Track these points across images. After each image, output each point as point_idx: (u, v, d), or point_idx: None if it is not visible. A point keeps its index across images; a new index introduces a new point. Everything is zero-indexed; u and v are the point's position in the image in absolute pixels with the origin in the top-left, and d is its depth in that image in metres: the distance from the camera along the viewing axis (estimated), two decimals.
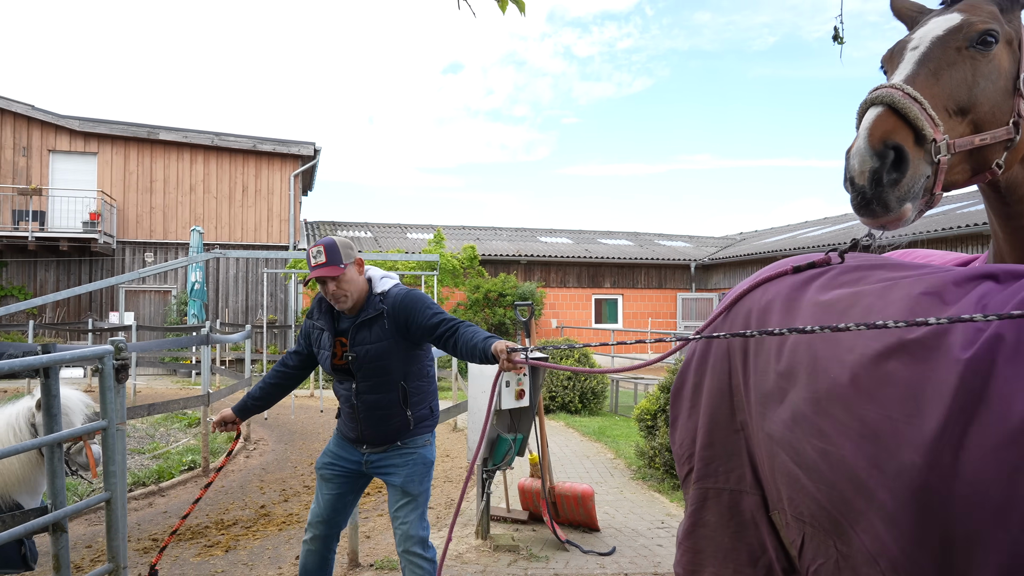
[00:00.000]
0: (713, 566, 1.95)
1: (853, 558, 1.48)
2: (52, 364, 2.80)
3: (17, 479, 3.40)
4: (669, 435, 2.25)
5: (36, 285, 19.16)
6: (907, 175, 1.52)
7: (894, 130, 1.52)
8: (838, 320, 1.61)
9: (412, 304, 3.26)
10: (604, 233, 28.89)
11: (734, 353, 1.93)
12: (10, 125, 19.44)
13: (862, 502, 1.44)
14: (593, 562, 4.81)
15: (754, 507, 1.86)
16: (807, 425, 1.58)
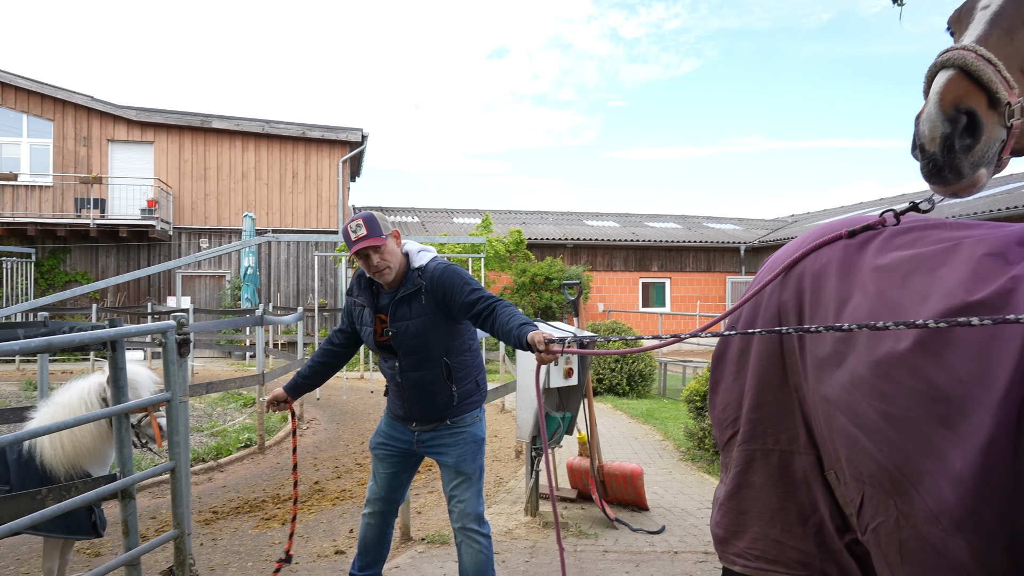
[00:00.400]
0: (758, 526, 1.96)
1: (914, 517, 1.49)
2: (118, 337, 2.92)
3: (88, 450, 3.55)
4: (709, 400, 2.24)
5: (98, 270, 19.83)
6: (981, 140, 1.46)
7: (966, 94, 1.45)
8: (900, 284, 1.60)
9: (450, 279, 3.20)
10: (651, 216, 28.61)
11: (787, 315, 1.92)
12: (71, 116, 20.08)
13: (929, 462, 1.45)
14: (643, 540, 4.81)
15: (807, 467, 1.87)
16: (867, 388, 1.58)
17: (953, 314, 1.43)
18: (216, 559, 4.58)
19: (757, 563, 1.98)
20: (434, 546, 4.69)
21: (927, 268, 1.57)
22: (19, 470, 3.50)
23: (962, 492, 1.38)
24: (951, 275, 1.51)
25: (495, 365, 13.64)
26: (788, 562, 1.92)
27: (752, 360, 2.01)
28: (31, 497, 2.91)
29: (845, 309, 1.71)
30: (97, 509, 3.66)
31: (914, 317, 1.50)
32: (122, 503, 3.00)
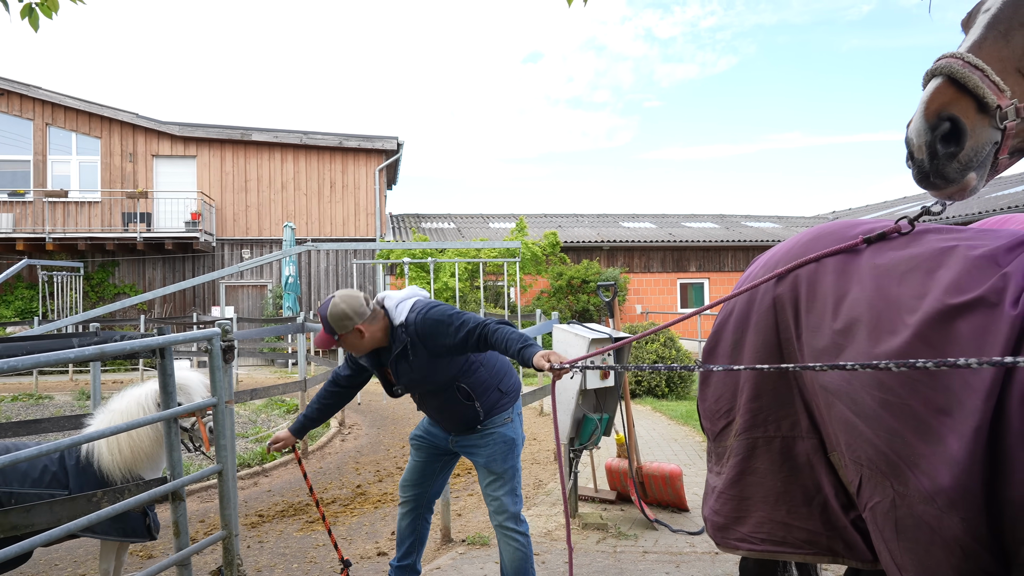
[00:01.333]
0: (763, 510, 2.07)
1: (910, 497, 1.62)
2: (167, 345, 3.03)
3: (145, 456, 3.70)
4: (699, 393, 2.36)
5: (144, 282, 20.38)
6: (966, 146, 1.52)
7: (952, 101, 1.52)
8: (898, 281, 1.73)
9: (433, 328, 3.20)
10: (688, 216, 28.38)
11: (783, 309, 2.02)
12: (118, 133, 20.69)
13: (926, 447, 1.58)
14: (683, 541, 4.80)
15: (810, 451, 1.99)
16: (866, 378, 1.71)
17: (953, 309, 1.58)
18: (263, 561, 4.69)
19: (763, 546, 2.08)
20: (474, 547, 4.74)
21: (925, 268, 1.69)
22: (77, 475, 3.64)
23: (957, 472, 1.50)
24: (947, 274, 1.64)
25: None
26: (795, 542, 2.02)
27: (747, 352, 2.11)
28: (87, 499, 3.03)
29: (843, 303, 1.82)
30: (151, 513, 3.80)
31: (912, 313, 1.64)
32: (173, 505, 3.10)
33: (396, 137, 21.57)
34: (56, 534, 2.59)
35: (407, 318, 3.26)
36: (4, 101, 20.12)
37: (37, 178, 20.20)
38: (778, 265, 2.11)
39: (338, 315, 3.19)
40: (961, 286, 1.60)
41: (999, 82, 1.52)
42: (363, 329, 3.22)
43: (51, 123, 20.41)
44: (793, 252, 2.10)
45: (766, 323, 2.08)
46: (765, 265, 2.19)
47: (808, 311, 1.94)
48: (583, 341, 4.95)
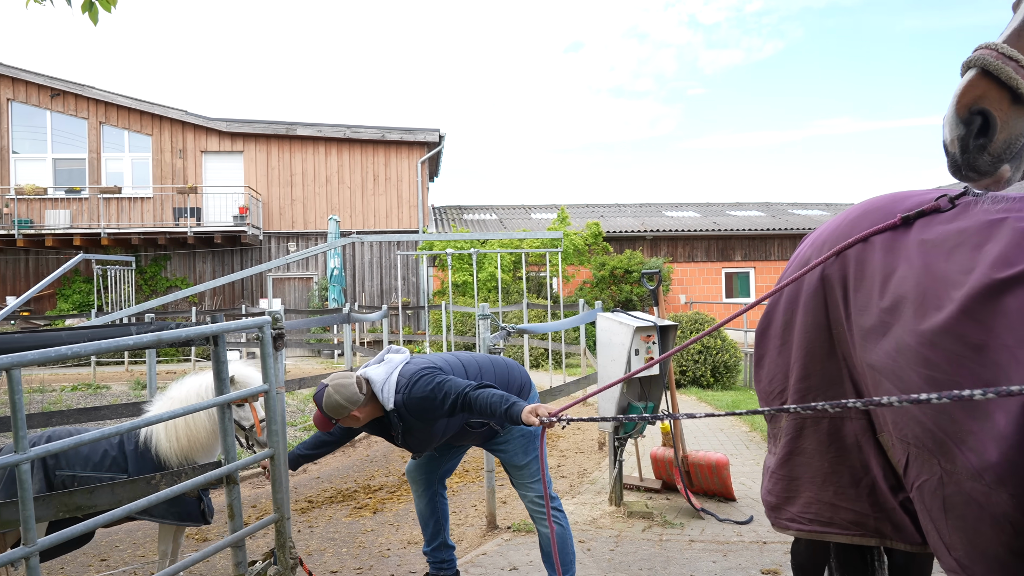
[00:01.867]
0: (811, 490, 2.08)
1: (957, 474, 1.62)
2: (220, 332, 3.11)
3: (201, 444, 3.83)
4: (754, 374, 2.36)
5: (195, 276, 20.89)
6: (997, 139, 1.50)
7: (984, 94, 1.50)
8: (946, 257, 1.70)
9: (421, 404, 3.26)
10: (733, 205, 27.95)
11: (831, 288, 2.02)
12: (168, 130, 21.21)
13: (974, 423, 1.56)
14: (730, 530, 4.76)
15: (858, 431, 1.98)
16: (912, 355, 1.71)
17: (1000, 283, 1.55)
18: (313, 545, 4.79)
19: (811, 526, 2.10)
20: (520, 534, 4.77)
21: (973, 242, 1.67)
22: (136, 460, 3.77)
23: (1006, 448, 1.48)
24: (995, 248, 1.61)
25: (576, 359, 13.65)
26: (842, 523, 2.03)
27: (797, 333, 2.11)
28: (146, 482, 3.13)
29: (891, 281, 1.81)
30: (205, 498, 3.92)
31: (959, 288, 1.62)
32: (227, 488, 3.19)
33: (437, 129, 21.67)
34: (116, 515, 2.69)
35: (395, 400, 3.31)
36: (60, 101, 20.77)
37: (92, 175, 20.83)
38: (826, 244, 2.10)
39: (332, 405, 3.28)
40: (1009, 259, 1.57)
41: None
42: (358, 414, 3.33)
43: (104, 121, 21.01)
44: (840, 230, 2.08)
45: (815, 303, 2.07)
46: (813, 244, 2.19)
47: (856, 290, 1.93)
48: (628, 329, 4.93)
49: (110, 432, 2.54)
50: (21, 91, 20.67)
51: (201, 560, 3.00)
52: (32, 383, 12.42)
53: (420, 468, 3.84)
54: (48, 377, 14.92)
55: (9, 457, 2.18)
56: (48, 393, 11.97)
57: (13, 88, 20.62)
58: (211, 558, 4.43)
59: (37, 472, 3.67)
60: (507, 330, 5.43)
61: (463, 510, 5.54)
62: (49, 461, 3.71)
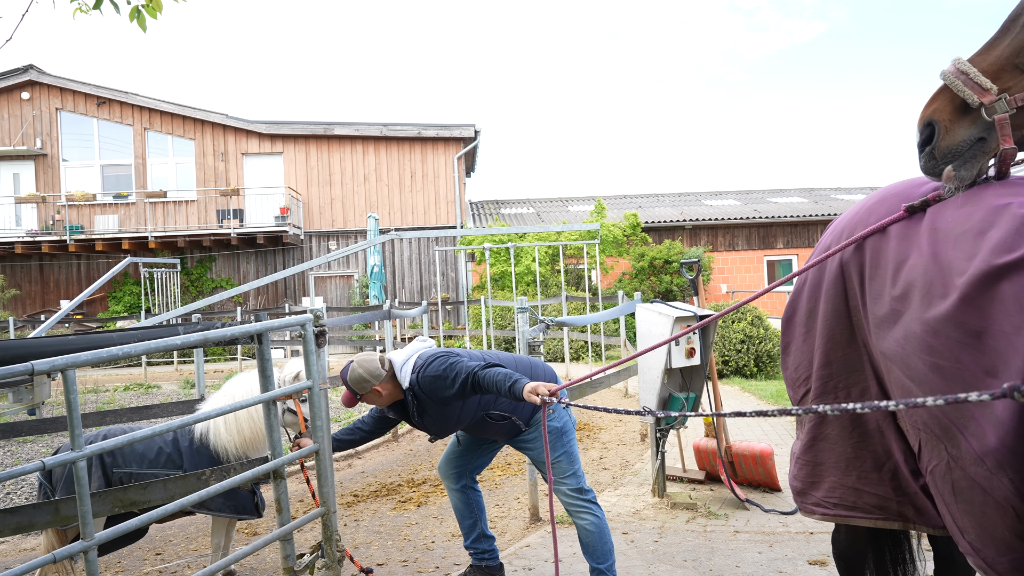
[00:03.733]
0: (834, 475, 2.12)
1: (962, 459, 1.67)
2: (264, 330, 3.17)
3: (260, 440, 3.94)
4: (781, 362, 2.40)
5: (239, 276, 21.31)
6: (939, 146, 1.79)
7: (938, 107, 1.80)
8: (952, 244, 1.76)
9: (433, 383, 3.37)
10: (774, 191, 27.50)
11: (849, 276, 2.07)
12: (210, 134, 21.64)
13: (975, 408, 1.60)
14: (775, 521, 4.70)
15: (880, 417, 2.03)
16: (917, 342, 1.76)
17: (998, 270, 1.60)
18: (359, 538, 4.87)
19: (835, 510, 2.14)
20: (563, 526, 4.78)
21: (977, 228, 1.72)
22: (191, 456, 3.89)
23: (1003, 434, 1.52)
24: (997, 234, 1.66)
25: (616, 351, 13.59)
26: (866, 507, 2.07)
27: (820, 320, 2.16)
28: (197, 477, 3.22)
29: (902, 269, 1.87)
30: (258, 492, 4.02)
31: (961, 275, 1.67)
32: (275, 483, 3.26)
33: (473, 125, 21.72)
34: (170, 509, 2.76)
35: (411, 380, 3.45)
36: (106, 109, 21.34)
37: (138, 180, 21.37)
38: (845, 231, 2.14)
39: (356, 379, 3.44)
40: (1009, 245, 1.60)
41: (983, 82, 1.72)
42: (380, 389, 3.45)
43: (149, 127, 21.53)
44: (859, 217, 2.12)
45: (836, 291, 2.11)
46: (833, 231, 2.23)
47: (872, 278, 1.98)
48: (667, 320, 4.89)
49: (162, 429, 2.61)
50: (69, 100, 21.30)
51: (251, 553, 3.07)
52: (87, 384, 12.83)
53: (450, 462, 3.89)
54: (102, 378, 15.39)
55: (67, 455, 2.27)
56: (102, 393, 12.35)
57: (61, 98, 21.26)
58: (260, 551, 4.54)
59: (96, 470, 3.81)
60: (546, 323, 5.43)
61: (506, 503, 5.57)
62: (107, 459, 3.84)
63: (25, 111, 21.16)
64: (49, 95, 21.20)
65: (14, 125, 21.14)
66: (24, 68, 20.87)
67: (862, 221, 2.10)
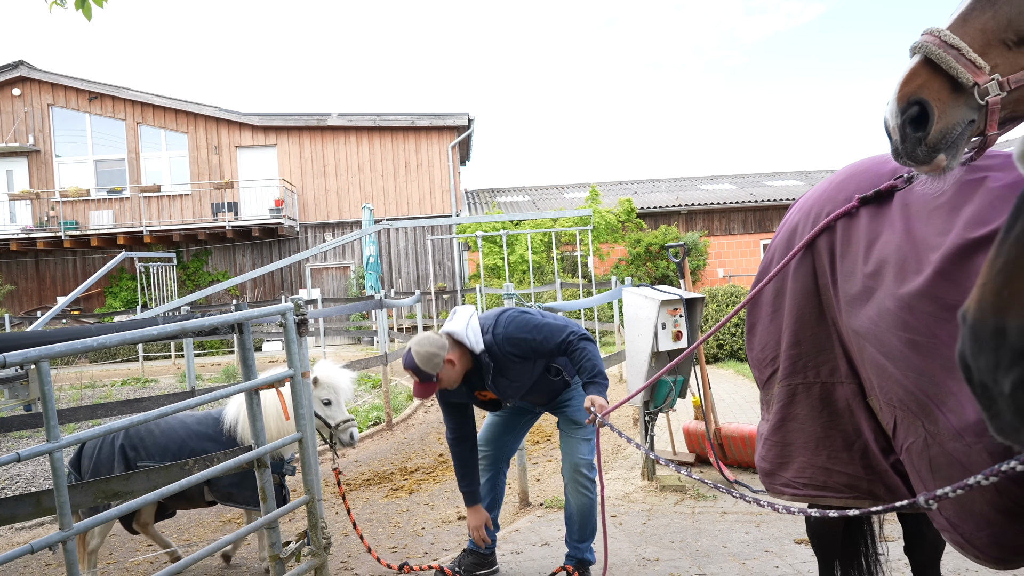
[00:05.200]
0: (804, 455, 2.12)
1: (940, 435, 1.66)
2: (244, 320, 3.18)
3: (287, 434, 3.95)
4: (746, 342, 2.39)
5: (236, 269, 21.31)
6: (933, 129, 1.51)
7: (925, 83, 1.52)
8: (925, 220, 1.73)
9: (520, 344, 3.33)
10: (770, 175, 27.45)
11: (820, 255, 2.05)
12: (203, 127, 21.58)
13: (954, 383, 1.59)
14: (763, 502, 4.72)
15: (849, 395, 2.01)
16: (891, 319, 1.74)
17: (973, 243, 1.58)
18: (349, 526, 4.89)
19: (805, 490, 2.15)
20: (552, 510, 4.81)
21: (950, 204, 1.69)
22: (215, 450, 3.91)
23: None
24: (970, 208, 1.64)
25: (611, 337, 13.62)
26: (836, 486, 2.07)
27: (788, 299, 2.14)
28: (180, 467, 3.23)
29: (875, 246, 1.85)
30: (285, 488, 4.06)
31: (936, 251, 1.65)
32: (258, 472, 3.27)
33: (467, 113, 21.65)
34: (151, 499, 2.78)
35: (488, 340, 3.36)
36: (98, 104, 21.27)
37: (132, 175, 21.33)
38: (813, 208, 2.12)
39: (425, 357, 3.28)
40: (982, 218, 1.60)
41: (976, 59, 1.49)
42: (452, 359, 3.33)
43: (141, 122, 21.47)
44: (827, 194, 2.10)
45: (804, 270, 2.10)
46: (800, 209, 2.21)
47: (843, 256, 1.96)
48: (653, 303, 4.90)
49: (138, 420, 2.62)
50: (60, 96, 21.22)
51: (235, 540, 3.10)
52: (84, 379, 12.86)
53: (491, 442, 3.83)
54: (99, 373, 15.42)
55: (43, 446, 2.27)
56: (99, 388, 12.37)
57: (53, 93, 21.18)
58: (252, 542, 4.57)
59: (120, 462, 3.88)
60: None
61: None
62: (129, 453, 3.91)
63: (17, 107, 21.09)
64: (40, 91, 21.13)
65: (6, 122, 21.08)
66: (15, 64, 20.78)
67: (831, 198, 2.08)
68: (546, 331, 3.31)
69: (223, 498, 3.98)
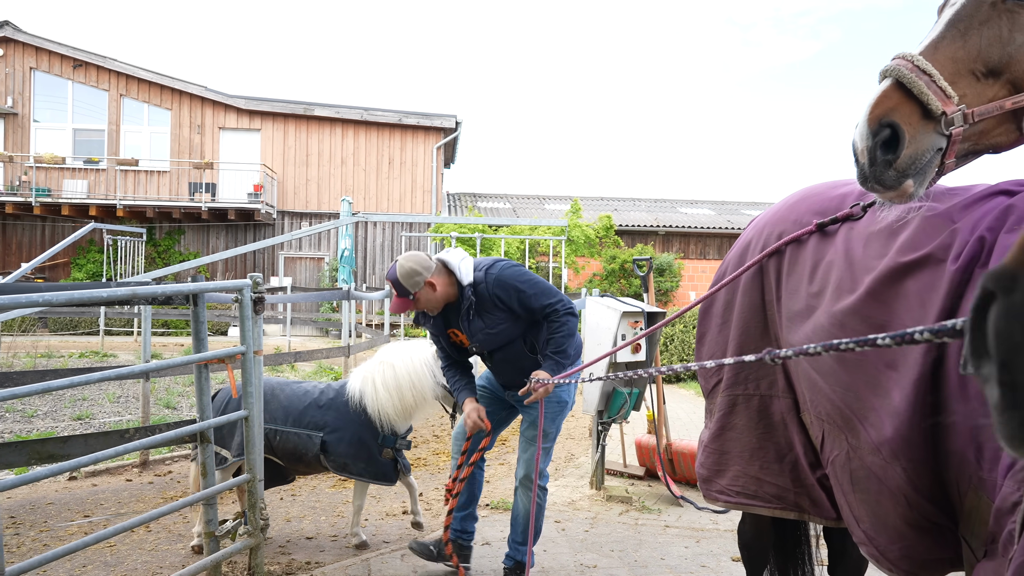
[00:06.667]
0: (739, 464, 2.18)
1: (861, 449, 1.73)
2: (199, 291, 3.16)
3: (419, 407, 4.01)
4: (695, 352, 2.47)
5: (208, 250, 21.08)
6: (903, 154, 1.49)
7: (896, 107, 1.50)
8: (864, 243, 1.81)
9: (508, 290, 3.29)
10: (748, 204, 27.79)
11: (767, 272, 2.14)
12: (187, 105, 21.37)
13: (876, 400, 1.66)
14: (707, 518, 4.77)
15: (784, 409, 2.08)
16: (824, 335, 1.82)
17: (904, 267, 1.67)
18: (293, 512, 4.85)
19: (737, 498, 2.21)
20: (497, 511, 4.81)
21: (888, 230, 1.77)
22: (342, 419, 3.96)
23: (898, 424, 1.58)
24: (905, 234, 1.71)
25: None
26: (766, 496, 2.13)
27: (736, 313, 2.22)
28: (119, 435, 3.20)
29: (819, 268, 1.92)
30: (401, 459, 4.09)
31: (870, 273, 1.74)
32: (201, 446, 3.24)
33: (454, 115, 21.68)
34: (84, 462, 2.75)
35: (476, 277, 3.34)
36: (82, 72, 20.98)
37: (111, 147, 21.04)
38: (766, 227, 2.20)
39: (407, 272, 3.28)
40: (914, 244, 1.67)
41: (946, 87, 1.48)
42: (434, 282, 3.33)
43: (125, 94, 21.20)
44: (780, 214, 2.18)
45: (753, 285, 2.17)
46: (755, 227, 2.28)
47: (789, 275, 2.04)
48: (615, 314, 4.94)
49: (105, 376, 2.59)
50: (44, 60, 20.90)
51: (170, 513, 3.05)
52: (40, 348, 12.62)
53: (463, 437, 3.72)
54: (57, 343, 15.14)
55: None
56: (55, 358, 12.15)
57: (36, 57, 20.85)
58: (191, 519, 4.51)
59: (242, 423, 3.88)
60: None
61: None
62: None
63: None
64: (24, 53, 20.79)
65: None
66: (0, 24, 20.43)
67: (783, 218, 2.16)
68: (538, 288, 3.29)
69: (338, 468, 4.03)
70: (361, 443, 3.92)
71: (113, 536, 2.82)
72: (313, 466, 4.05)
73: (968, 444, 1.48)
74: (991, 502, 1.41)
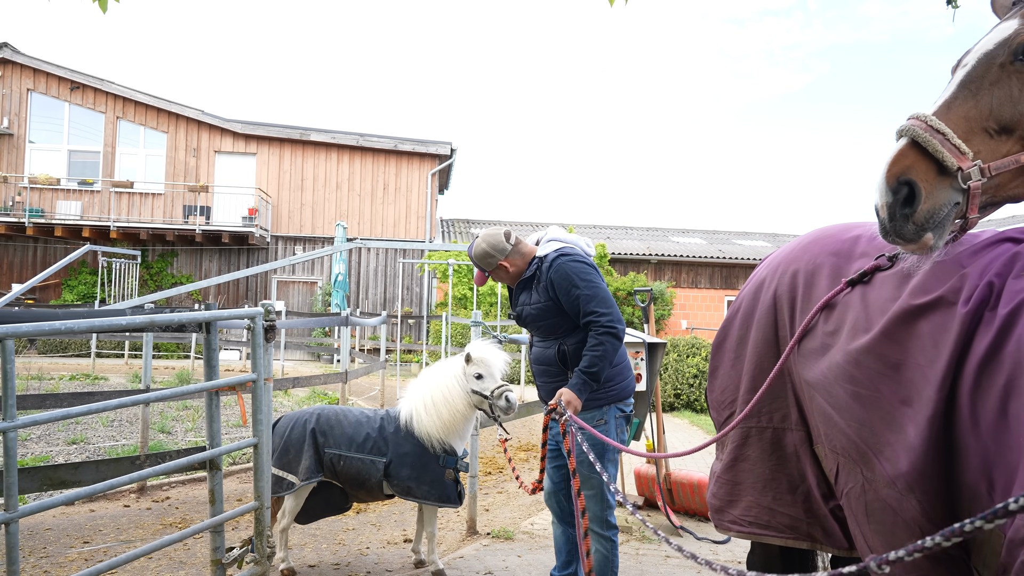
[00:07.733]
0: (752, 495, 2.23)
1: (876, 482, 1.78)
2: (212, 319, 3.20)
3: (459, 425, 4.03)
4: (708, 385, 2.53)
5: (201, 273, 21.03)
6: (921, 209, 1.59)
7: (912, 165, 1.59)
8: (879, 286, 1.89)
9: (562, 277, 3.24)
10: (739, 234, 28.02)
11: (781, 308, 2.21)
12: (183, 129, 21.44)
13: (891, 435, 1.73)
14: (707, 549, 4.79)
15: (797, 442, 2.13)
16: (840, 372, 1.88)
17: (916, 309, 1.74)
18: (294, 539, 4.84)
19: (750, 528, 2.26)
20: (498, 540, 4.81)
21: (900, 274, 1.86)
22: (397, 443, 4.01)
23: (914, 458, 1.64)
24: (917, 278, 1.80)
25: None
26: (778, 527, 2.18)
27: (750, 347, 2.29)
28: (131, 462, 3.21)
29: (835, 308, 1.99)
30: (460, 484, 4.11)
31: (884, 314, 1.82)
32: (210, 473, 3.26)
33: (450, 143, 21.85)
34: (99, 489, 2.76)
35: (550, 254, 3.35)
36: (79, 94, 21.05)
37: (106, 168, 21.05)
38: (780, 265, 2.29)
39: (480, 254, 3.41)
40: (926, 288, 1.75)
41: (960, 145, 1.58)
42: (506, 264, 3.40)
43: (122, 117, 21.27)
44: (794, 253, 2.27)
45: (767, 320, 2.24)
46: (769, 265, 2.37)
47: (803, 312, 2.11)
48: None
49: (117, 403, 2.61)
50: (42, 82, 20.97)
51: (179, 541, 3.06)
52: (31, 370, 12.52)
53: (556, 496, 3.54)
54: (47, 365, 15.04)
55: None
56: (46, 380, 12.06)
57: (34, 79, 20.92)
58: (193, 548, 4.49)
59: (309, 448, 4.00)
60: (499, 339, 5.49)
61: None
62: (319, 439, 4.03)
63: None
64: (22, 75, 20.86)
65: None
66: None
67: (796, 258, 2.25)
68: (591, 291, 3.19)
69: (403, 492, 4.03)
70: (423, 466, 3.97)
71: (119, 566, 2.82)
72: (375, 492, 4.09)
73: (980, 478, 1.54)
74: (1003, 534, 1.47)
